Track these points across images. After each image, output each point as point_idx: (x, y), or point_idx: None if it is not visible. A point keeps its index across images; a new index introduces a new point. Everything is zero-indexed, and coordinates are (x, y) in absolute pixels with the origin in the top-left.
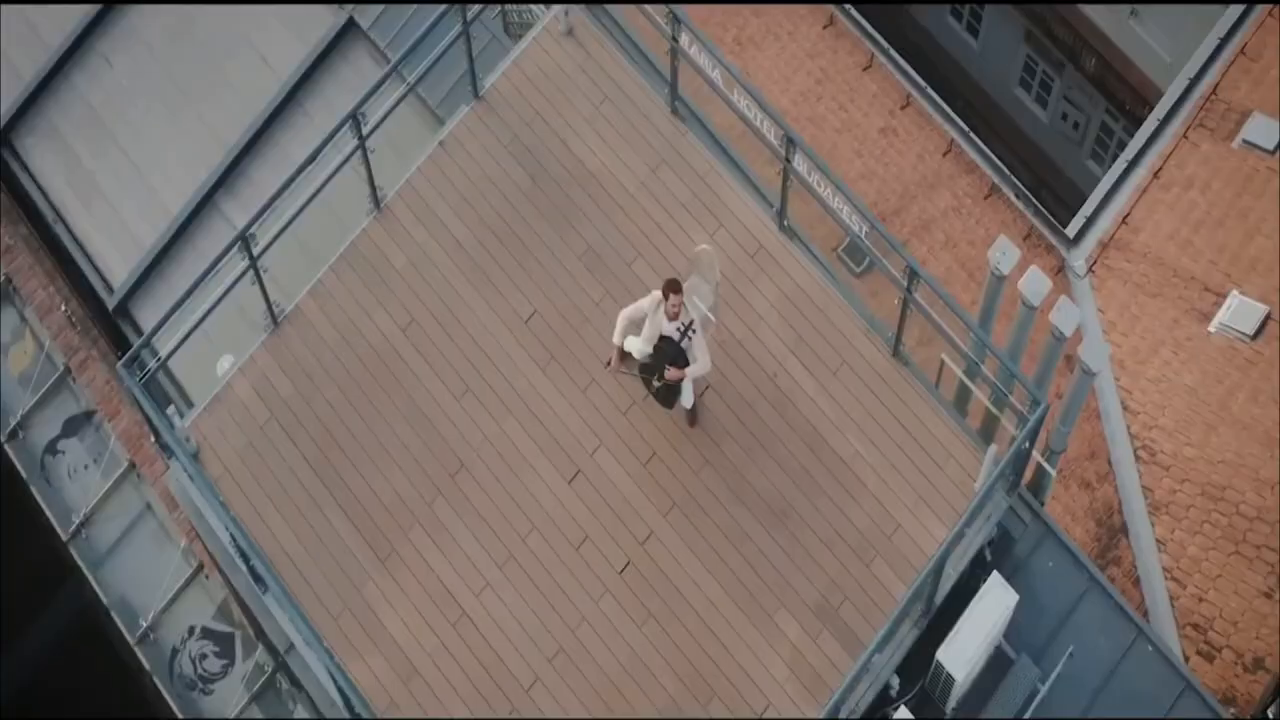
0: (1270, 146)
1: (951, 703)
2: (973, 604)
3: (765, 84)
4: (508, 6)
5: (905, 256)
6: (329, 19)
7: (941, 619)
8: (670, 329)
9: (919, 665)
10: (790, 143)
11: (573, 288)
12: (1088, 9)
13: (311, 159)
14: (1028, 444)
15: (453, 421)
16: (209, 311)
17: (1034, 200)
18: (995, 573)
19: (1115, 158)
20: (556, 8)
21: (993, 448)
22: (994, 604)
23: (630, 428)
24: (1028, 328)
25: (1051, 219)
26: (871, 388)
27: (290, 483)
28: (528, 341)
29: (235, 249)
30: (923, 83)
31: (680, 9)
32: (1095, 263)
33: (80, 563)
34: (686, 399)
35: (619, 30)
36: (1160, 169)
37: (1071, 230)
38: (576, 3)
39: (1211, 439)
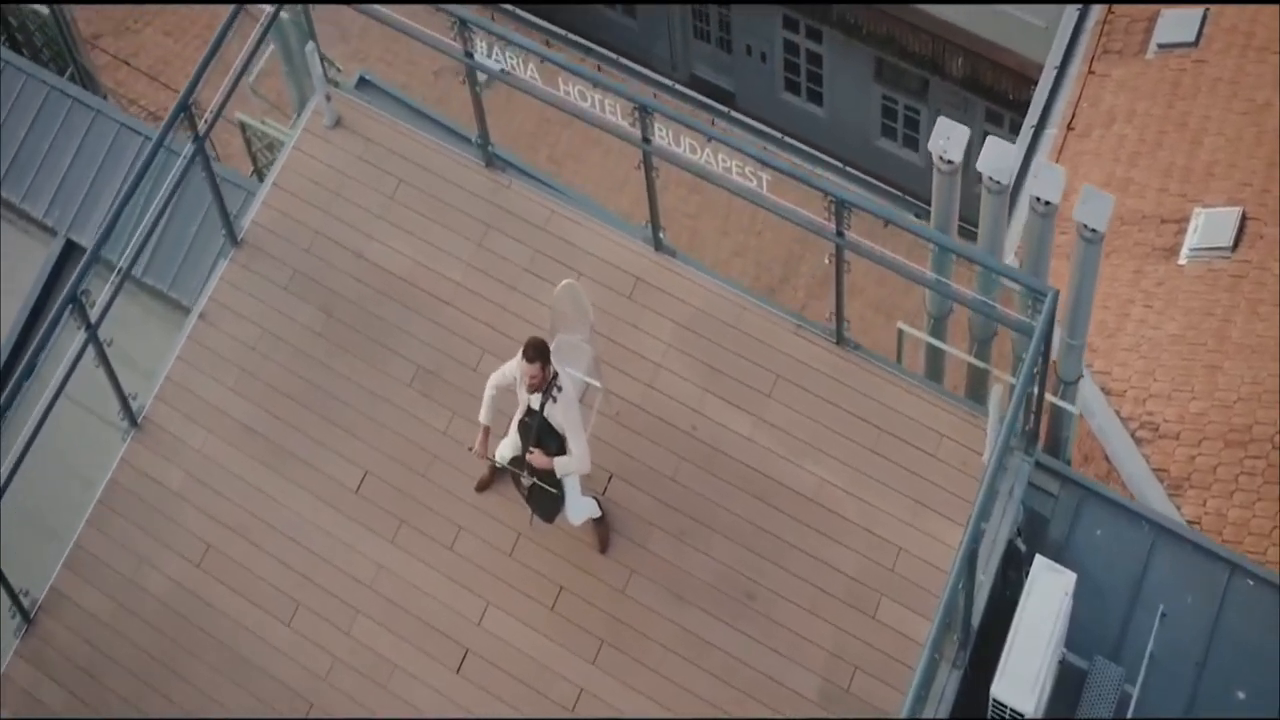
0: (1190, 38)
1: None
2: (1021, 605)
3: (598, 194)
4: (248, 133)
5: (820, 186)
6: (40, 253)
7: (984, 648)
8: (535, 399)
9: (973, 715)
10: (643, 111)
11: (408, 424)
12: (943, 10)
13: (28, 373)
14: (1041, 356)
15: (287, 655)
16: None
17: None
18: (1038, 556)
19: None
20: (315, 99)
21: (995, 390)
22: (1048, 594)
23: (522, 569)
24: (1001, 218)
25: (966, 225)
26: (819, 394)
27: None
28: (364, 514)
29: None
30: (778, 134)
31: (463, 9)
32: None
33: None
34: (575, 510)
35: (397, 102)
36: (1072, 118)
37: None
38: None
39: (1218, 380)
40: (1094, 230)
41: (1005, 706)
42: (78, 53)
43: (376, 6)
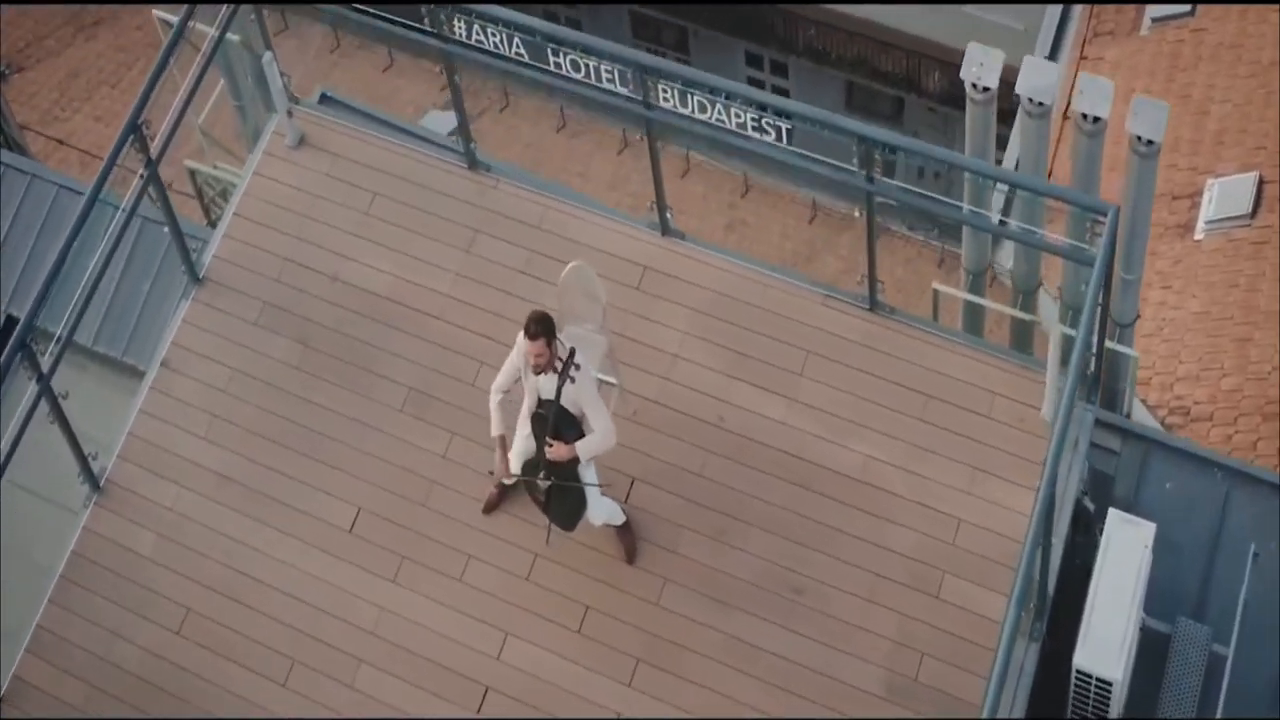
0: (1186, 8)
1: None
2: (1099, 563)
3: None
4: (199, 181)
5: (845, 126)
6: None
7: (1058, 619)
8: (546, 385)
9: (1052, 696)
10: (643, 71)
11: (402, 452)
12: (917, 23)
13: None
14: (1104, 284)
15: (283, 718)
16: None
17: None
18: (1111, 510)
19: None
20: (275, 118)
21: (1056, 329)
22: (1126, 548)
23: (542, 592)
24: (1043, 144)
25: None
26: (856, 365)
27: None
28: (360, 555)
29: None
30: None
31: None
32: None
33: None
34: (596, 509)
35: (366, 118)
36: (1066, 108)
37: None
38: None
39: (1249, 353)
40: (1150, 142)
41: (1090, 677)
42: (6, 124)
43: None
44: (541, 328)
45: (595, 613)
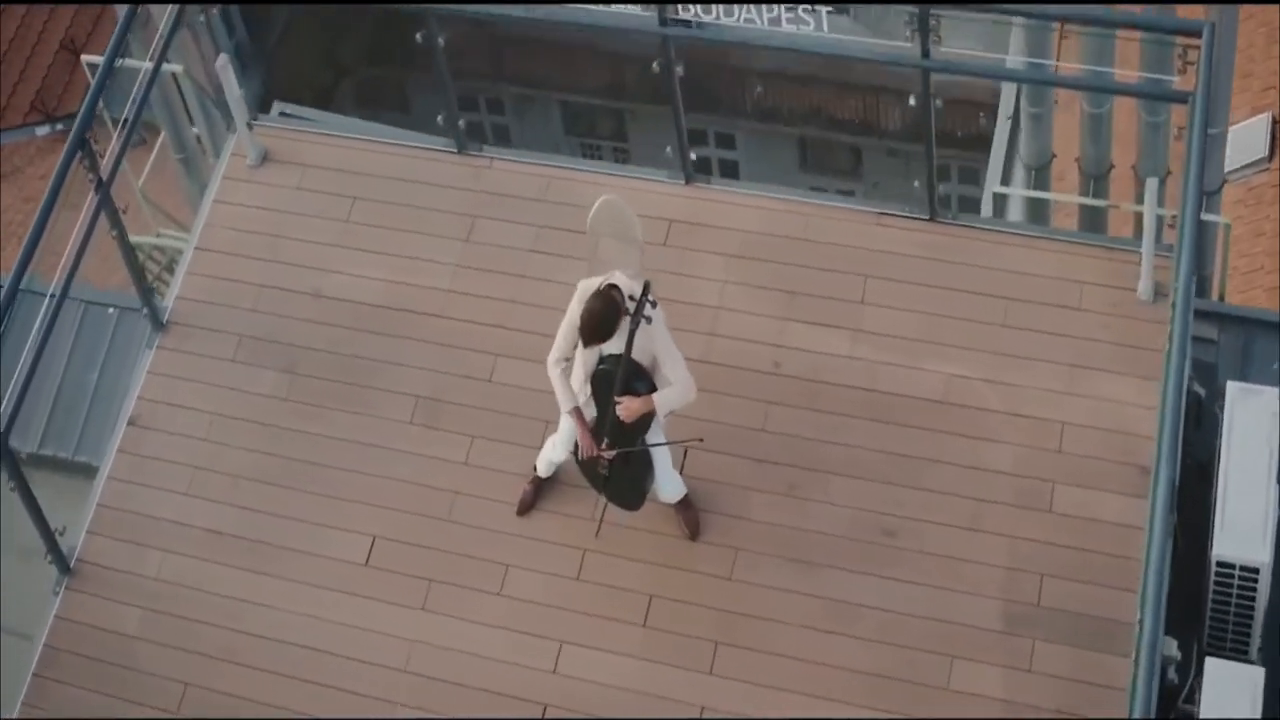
0: None
1: (1259, 622)
2: (1225, 442)
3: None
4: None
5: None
6: None
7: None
8: (610, 341)
9: (1179, 599)
10: None
11: (417, 467)
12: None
13: None
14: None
15: None
16: None
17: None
18: (1230, 382)
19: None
20: (234, 138)
21: (1150, 184)
22: (1253, 419)
23: (597, 590)
24: None
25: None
26: (922, 281)
27: None
28: (381, 587)
29: None
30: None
31: None
32: None
33: None
34: (667, 484)
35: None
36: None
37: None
38: None
39: None
40: None
41: (1233, 566)
42: None
43: None
44: (604, 311)
45: (660, 600)
